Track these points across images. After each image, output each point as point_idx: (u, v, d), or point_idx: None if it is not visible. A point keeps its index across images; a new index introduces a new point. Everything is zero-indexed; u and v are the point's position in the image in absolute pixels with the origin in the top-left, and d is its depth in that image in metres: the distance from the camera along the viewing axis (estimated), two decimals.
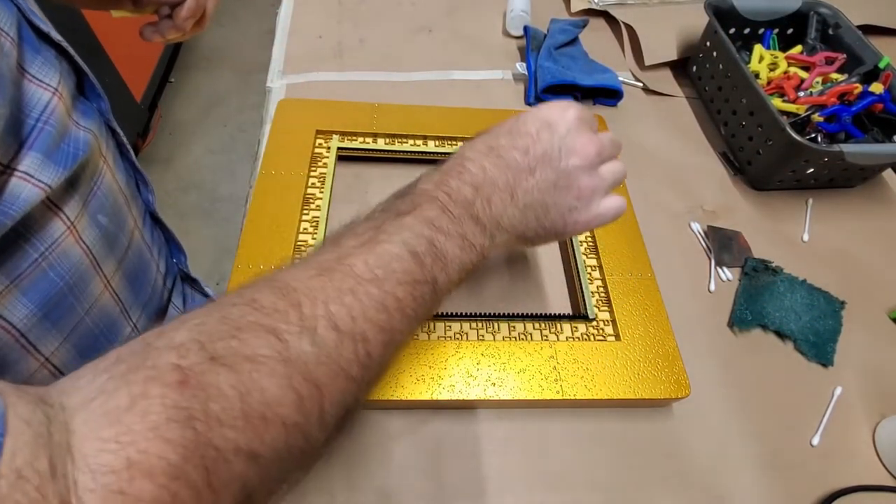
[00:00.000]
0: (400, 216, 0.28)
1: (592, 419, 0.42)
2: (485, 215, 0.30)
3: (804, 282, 0.51)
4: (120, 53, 1.36)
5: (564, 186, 0.31)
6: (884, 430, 0.44)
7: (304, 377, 0.22)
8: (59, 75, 0.32)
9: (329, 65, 0.67)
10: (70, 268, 0.33)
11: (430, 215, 0.28)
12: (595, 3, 0.76)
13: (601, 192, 0.33)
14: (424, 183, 0.30)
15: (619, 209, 0.33)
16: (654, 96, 0.68)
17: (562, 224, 0.32)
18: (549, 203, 0.31)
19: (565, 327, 0.45)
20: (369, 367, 0.24)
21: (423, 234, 0.27)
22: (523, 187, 0.30)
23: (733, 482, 0.41)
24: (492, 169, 0.30)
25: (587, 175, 0.32)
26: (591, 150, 0.31)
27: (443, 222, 0.28)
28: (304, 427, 0.22)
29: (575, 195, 0.31)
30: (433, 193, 0.29)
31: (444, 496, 0.38)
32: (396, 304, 0.25)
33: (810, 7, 0.65)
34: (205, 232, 1.46)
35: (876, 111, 0.57)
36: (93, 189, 0.35)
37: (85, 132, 0.34)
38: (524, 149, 0.31)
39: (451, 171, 0.30)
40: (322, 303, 0.23)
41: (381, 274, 0.25)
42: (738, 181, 0.60)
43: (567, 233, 0.33)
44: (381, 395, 0.38)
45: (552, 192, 0.31)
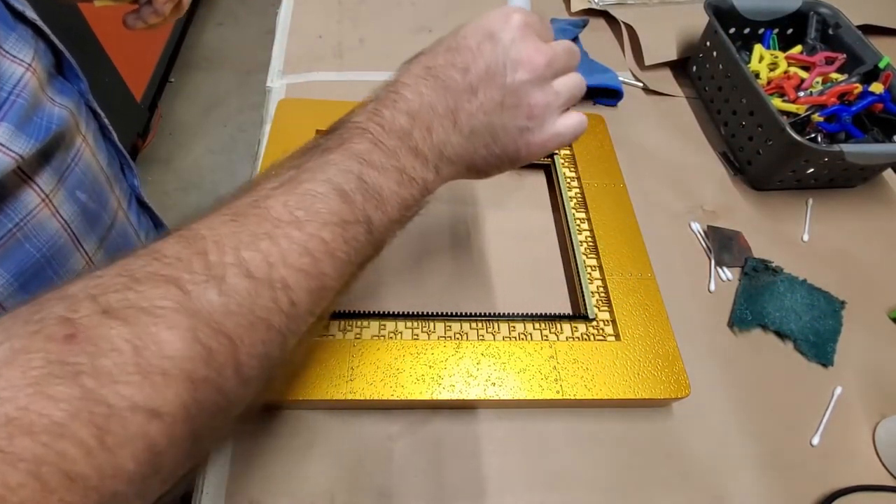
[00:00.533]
0: (326, 153, 0.26)
1: (592, 419, 0.42)
2: (425, 145, 0.27)
3: (804, 282, 0.51)
4: (120, 53, 1.36)
5: (513, 105, 0.28)
6: (884, 430, 0.44)
7: (212, 329, 0.20)
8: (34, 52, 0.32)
9: (329, 65, 0.66)
10: (47, 240, 0.33)
11: (360, 149, 0.26)
12: (595, 3, 0.76)
13: (556, 109, 0.30)
14: (356, 115, 0.28)
15: (577, 127, 0.31)
16: (654, 96, 0.68)
17: (514, 149, 0.29)
18: (498, 126, 0.28)
19: (565, 327, 0.44)
20: (295, 315, 0.23)
21: (352, 169, 0.25)
22: (466, 111, 0.28)
23: (733, 482, 0.41)
24: (429, 93, 0.27)
25: (538, 90, 0.29)
26: (539, 61, 0.28)
27: (375, 156, 0.26)
28: (216, 382, 0.20)
29: (525, 114, 0.28)
30: (363, 125, 0.27)
31: (444, 496, 0.38)
32: (323, 248, 0.23)
33: (810, 7, 0.65)
34: None
35: (876, 111, 0.57)
36: (70, 165, 0.36)
37: (60, 108, 0.34)
38: (464, 66, 0.28)
39: (385, 99, 0.28)
40: (232, 249, 0.21)
41: (303, 215, 0.23)
42: (738, 181, 0.60)
43: (522, 157, 0.30)
44: (381, 395, 0.39)
45: (499, 114, 0.28)
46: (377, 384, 0.39)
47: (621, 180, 0.54)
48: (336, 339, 0.41)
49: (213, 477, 0.38)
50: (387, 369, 0.40)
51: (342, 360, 0.40)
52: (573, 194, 0.54)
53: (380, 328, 0.43)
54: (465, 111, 0.28)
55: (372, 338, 0.42)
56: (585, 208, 0.52)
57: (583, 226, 0.51)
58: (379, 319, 0.43)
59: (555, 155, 0.56)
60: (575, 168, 0.56)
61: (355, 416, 0.41)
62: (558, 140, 0.30)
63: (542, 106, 0.29)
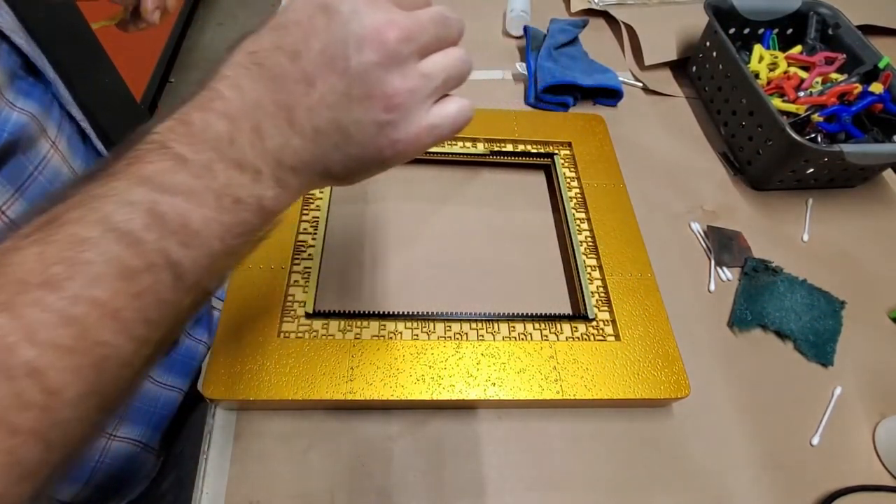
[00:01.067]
0: (108, 180, 0.20)
1: (592, 419, 0.42)
2: (254, 155, 0.21)
3: (804, 282, 0.51)
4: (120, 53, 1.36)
5: (363, 96, 0.22)
6: (884, 430, 0.44)
7: None
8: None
9: None
10: None
11: (152, 171, 0.20)
12: (595, 3, 0.76)
13: (426, 96, 0.23)
14: (157, 124, 0.21)
15: (458, 116, 0.24)
16: (654, 96, 0.68)
17: (375, 149, 0.23)
18: (348, 122, 0.22)
19: (565, 327, 0.45)
20: (59, 406, 0.18)
21: (139, 200, 0.19)
22: (304, 106, 0.22)
23: (733, 482, 0.41)
24: (253, 87, 0.22)
25: (395, 74, 0.22)
26: (391, 36, 0.21)
27: (178, 178, 0.20)
28: None
29: (382, 106, 0.22)
30: (161, 138, 0.21)
31: (444, 496, 0.38)
32: (97, 311, 0.18)
33: (810, 7, 0.65)
34: None
35: (876, 111, 0.57)
36: (31, 174, 0.34)
37: (19, 113, 0.33)
38: (293, 49, 0.22)
39: (199, 99, 0.22)
40: None
41: (62, 272, 0.18)
42: (738, 181, 0.60)
43: (389, 158, 0.24)
44: (381, 396, 0.39)
45: (347, 107, 0.22)
46: (377, 384, 0.39)
47: (621, 180, 0.54)
48: (336, 339, 0.41)
49: (213, 477, 0.38)
50: (387, 369, 0.40)
51: (342, 360, 0.40)
52: (573, 194, 0.54)
53: (380, 328, 0.43)
54: (303, 106, 0.22)
55: (372, 338, 0.42)
56: (585, 208, 0.52)
57: (583, 226, 0.51)
58: (379, 319, 0.43)
59: (555, 155, 0.56)
60: (575, 168, 0.56)
61: (355, 416, 0.41)
62: (435, 133, 0.24)
63: (404, 94, 0.22)
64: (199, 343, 0.53)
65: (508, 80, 0.68)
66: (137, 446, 0.45)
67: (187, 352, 0.51)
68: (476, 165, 0.57)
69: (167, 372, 0.49)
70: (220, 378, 0.38)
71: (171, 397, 0.49)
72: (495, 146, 0.57)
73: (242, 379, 0.38)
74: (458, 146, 0.56)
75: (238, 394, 0.38)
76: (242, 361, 0.39)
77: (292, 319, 0.43)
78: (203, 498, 0.37)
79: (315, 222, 0.48)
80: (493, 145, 0.57)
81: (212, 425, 0.40)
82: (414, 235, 0.51)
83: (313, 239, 0.47)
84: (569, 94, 0.63)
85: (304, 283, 0.45)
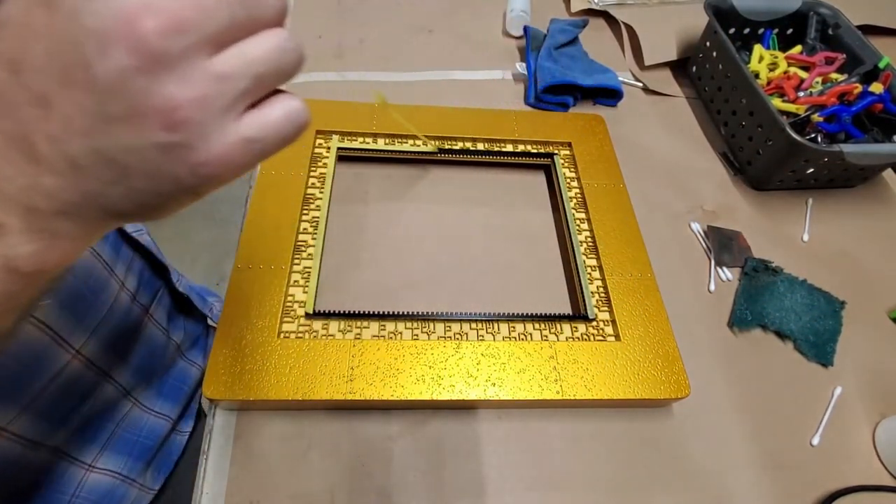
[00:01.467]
0: None
1: (592, 419, 0.42)
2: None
3: (804, 282, 0.51)
4: None
5: (125, 115, 0.15)
6: (884, 430, 0.44)
7: None
8: None
9: (329, 65, 0.67)
10: None
11: None
12: (595, 3, 0.76)
13: (227, 104, 0.17)
14: None
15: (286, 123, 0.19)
16: (654, 96, 0.68)
17: (171, 179, 0.17)
18: (115, 151, 0.16)
19: (565, 327, 0.45)
20: None
21: None
22: (44, 134, 0.16)
23: (733, 482, 0.41)
24: None
25: (168, 80, 0.15)
26: (146, 27, 0.15)
27: None
28: None
29: (159, 124, 0.16)
30: None
31: (444, 496, 0.38)
32: None
33: (810, 7, 0.65)
34: (205, 232, 1.46)
35: (876, 111, 0.57)
36: None
37: None
38: (10, 59, 0.15)
39: None
40: None
41: None
42: (738, 181, 0.60)
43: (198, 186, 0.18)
44: (381, 396, 0.39)
45: (107, 131, 0.16)
46: (377, 384, 0.39)
47: (621, 180, 0.54)
48: (336, 339, 0.41)
49: (213, 477, 0.38)
50: (387, 369, 0.40)
51: (342, 360, 0.40)
52: (573, 194, 0.54)
53: (380, 328, 0.43)
54: (43, 135, 0.16)
55: (372, 338, 0.42)
56: (585, 208, 0.52)
57: (583, 226, 0.51)
58: (379, 320, 0.43)
59: (555, 155, 0.56)
60: (575, 168, 0.56)
61: (355, 416, 0.41)
62: (254, 149, 0.18)
63: (190, 105, 0.16)
64: (193, 366, 0.49)
65: (508, 80, 0.68)
66: (117, 478, 0.42)
67: (179, 375, 0.48)
68: (476, 165, 0.57)
69: (156, 396, 0.45)
70: (220, 378, 0.38)
71: (157, 425, 0.45)
72: (495, 146, 0.57)
73: (242, 379, 0.38)
74: (458, 146, 0.56)
75: (238, 394, 0.38)
76: (242, 361, 0.39)
77: (292, 319, 0.43)
78: (203, 498, 0.37)
79: (315, 222, 0.48)
80: (493, 145, 0.57)
81: (212, 425, 0.40)
82: (414, 235, 0.51)
83: (313, 239, 0.47)
84: (569, 94, 0.63)
85: (304, 283, 0.45)
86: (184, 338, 0.48)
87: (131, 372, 0.41)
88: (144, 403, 0.45)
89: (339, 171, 0.55)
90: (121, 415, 0.43)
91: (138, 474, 0.45)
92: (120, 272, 0.38)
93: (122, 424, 0.43)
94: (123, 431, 0.43)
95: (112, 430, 0.42)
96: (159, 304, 0.44)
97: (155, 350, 0.43)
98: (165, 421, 0.47)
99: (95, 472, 0.41)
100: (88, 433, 0.40)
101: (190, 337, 0.49)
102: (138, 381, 0.43)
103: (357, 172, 0.55)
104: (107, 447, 0.42)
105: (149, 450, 0.45)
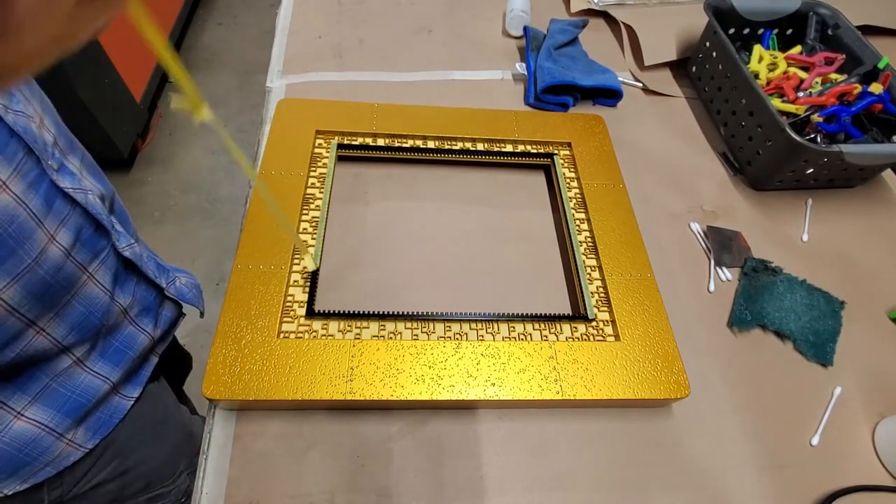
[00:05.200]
0: None
1: (592, 419, 0.42)
2: None
3: (804, 282, 0.51)
4: (120, 53, 1.36)
5: None
6: (883, 430, 0.44)
7: None
8: None
9: (329, 65, 0.67)
10: None
11: None
12: (595, 3, 0.76)
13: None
14: None
15: None
16: (653, 96, 0.68)
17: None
18: None
19: (565, 327, 0.45)
20: None
21: None
22: None
23: (733, 482, 0.41)
24: None
25: None
26: None
27: None
28: None
29: None
30: None
31: (444, 496, 0.38)
32: None
33: (810, 7, 0.65)
34: (205, 232, 1.46)
35: (875, 111, 0.57)
36: None
37: None
38: None
39: None
40: None
41: None
42: (738, 181, 0.60)
43: None
44: (381, 396, 0.39)
45: None
46: (377, 384, 0.39)
47: (621, 180, 0.54)
48: (336, 339, 0.41)
49: (213, 477, 0.38)
50: (387, 369, 0.40)
51: (342, 360, 0.40)
52: (573, 194, 0.54)
53: (380, 328, 0.43)
54: None
55: (372, 338, 0.42)
56: (585, 208, 0.52)
57: (582, 226, 0.51)
58: (379, 320, 0.43)
59: (554, 155, 0.56)
60: (575, 168, 0.56)
61: (355, 416, 0.41)
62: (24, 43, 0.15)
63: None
64: (142, 333, 0.50)
65: (508, 80, 0.68)
66: (43, 430, 0.43)
67: (126, 339, 0.48)
68: (476, 165, 0.57)
69: (99, 357, 0.46)
70: (220, 378, 0.38)
71: (93, 384, 0.46)
72: (495, 146, 0.57)
73: (242, 379, 0.38)
74: (459, 146, 0.56)
75: (238, 394, 0.38)
76: (242, 361, 0.39)
77: (292, 319, 0.43)
78: (203, 498, 0.37)
79: (315, 222, 0.48)
80: (493, 145, 0.57)
81: (212, 425, 0.40)
82: (414, 235, 0.51)
83: (313, 239, 0.47)
84: (568, 94, 0.63)
85: (304, 283, 0.45)
86: (132, 302, 0.48)
87: (66, 328, 0.42)
88: (85, 363, 0.45)
89: (339, 170, 0.55)
90: (58, 370, 0.43)
91: (66, 429, 0.45)
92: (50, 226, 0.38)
93: (57, 379, 0.44)
94: (59, 386, 0.44)
95: (46, 382, 0.43)
96: (102, 265, 0.44)
97: (94, 309, 0.43)
98: (103, 382, 0.47)
99: (22, 420, 0.42)
100: (19, 381, 0.41)
101: (140, 303, 0.49)
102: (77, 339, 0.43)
103: (357, 172, 0.55)
104: (38, 399, 0.43)
105: (81, 407, 0.46)
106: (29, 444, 0.43)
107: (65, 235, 0.39)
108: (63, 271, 0.40)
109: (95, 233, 0.43)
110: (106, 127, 1.33)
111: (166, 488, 0.58)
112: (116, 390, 0.49)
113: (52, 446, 0.44)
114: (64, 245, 0.39)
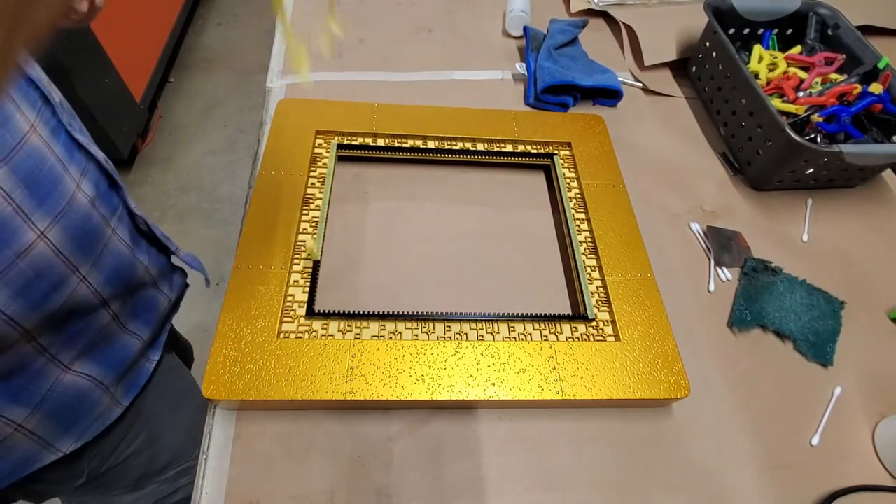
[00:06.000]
0: None
1: (592, 419, 0.42)
2: None
3: (804, 282, 0.51)
4: (120, 53, 1.36)
5: None
6: (883, 430, 0.44)
7: None
8: None
9: (329, 65, 0.67)
10: None
11: None
12: (595, 4, 0.76)
13: None
14: None
15: None
16: (653, 97, 0.68)
17: None
18: None
19: (565, 327, 0.45)
20: None
21: None
22: None
23: (733, 482, 0.41)
24: None
25: None
26: None
27: None
28: None
29: None
30: None
31: (444, 496, 0.38)
32: None
33: (810, 7, 0.65)
34: (205, 232, 1.46)
35: (875, 111, 0.57)
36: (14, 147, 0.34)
37: None
38: None
39: None
40: None
41: None
42: (738, 181, 0.60)
43: None
44: (381, 396, 0.39)
45: None
46: (377, 384, 0.39)
47: (621, 181, 0.54)
48: (336, 339, 0.41)
49: (213, 477, 0.38)
50: (387, 369, 0.40)
51: (342, 360, 0.40)
52: (573, 194, 0.54)
53: (380, 328, 0.43)
54: None
55: (372, 338, 0.42)
56: (585, 208, 0.52)
57: (582, 226, 0.51)
58: (379, 320, 0.43)
59: (554, 155, 0.56)
60: (575, 168, 0.56)
61: (355, 416, 0.41)
62: None
63: None
64: (162, 295, 0.52)
65: (508, 80, 0.68)
66: (91, 382, 0.44)
67: (150, 300, 0.50)
68: (476, 165, 0.57)
69: (131, 317, 0.48)
70: (220, 378, 0.38)
71: (128, 342, 0.48)
72: (495, 146, 0.57)
73: (242, 379, 0.38)
74: (459, 146, 0.56)
75: (238, 394, 0.38)
76: (242, 361, 0.39)
77: (292, 319, 0.43)
78: (203, 498, 0.37)
79: (315, 222, 0.48)
80: (493, 145, 0.57)
81: (212, 425, 0.40)
82: (414, 235, 0.51)
83: (313, 238, 0.47)
84: (568, 94, 0.63)
85: (304, 283, 0.45)
86: (150, 263, 0.50)
87: (102, 278, 0.43)
88: (121, 320, 0.47)
89: (339, 170, 0.55)
90: (100, 325, 0.44)
91: (110, 383, 0.47)
92: (75, 173, 0.39)
93: (100, 334, 0.45)
94: (101, 342, 0.45)
95: (91, 337, 0.44)
96: (120, 222, 0.45)
97: (122, 263, 0.45)
98: (137, 340, 0.49)
99: (71, 374, 0.43)
100: (69, 332, 0.42)
101: (155, 265, 0.51)
102: (112, 293, 0.44)
103: (357, 172, 0.55)
104: (85, 354, 0.44)
105: (121, 363, 0.47)
106: (81, 396, 0.44)
107: (87, 185, 0.41)
108: (91, 221, 0.41)
109: (110, 189, 0.45)
110: (106, 127, 1.33)
111: (190, 463, 0.60)
112: (143, 352, 0.51)
113: (100, 400, 0.46)
114: (88, 194, 0.41)
